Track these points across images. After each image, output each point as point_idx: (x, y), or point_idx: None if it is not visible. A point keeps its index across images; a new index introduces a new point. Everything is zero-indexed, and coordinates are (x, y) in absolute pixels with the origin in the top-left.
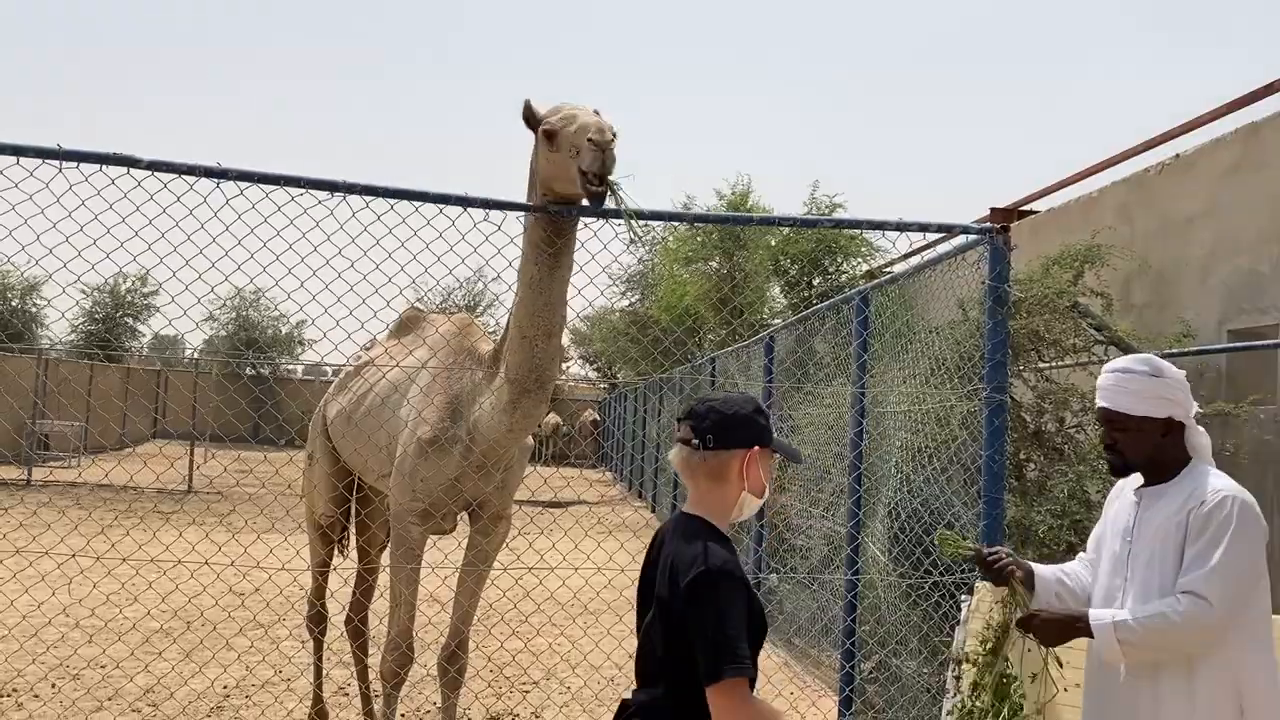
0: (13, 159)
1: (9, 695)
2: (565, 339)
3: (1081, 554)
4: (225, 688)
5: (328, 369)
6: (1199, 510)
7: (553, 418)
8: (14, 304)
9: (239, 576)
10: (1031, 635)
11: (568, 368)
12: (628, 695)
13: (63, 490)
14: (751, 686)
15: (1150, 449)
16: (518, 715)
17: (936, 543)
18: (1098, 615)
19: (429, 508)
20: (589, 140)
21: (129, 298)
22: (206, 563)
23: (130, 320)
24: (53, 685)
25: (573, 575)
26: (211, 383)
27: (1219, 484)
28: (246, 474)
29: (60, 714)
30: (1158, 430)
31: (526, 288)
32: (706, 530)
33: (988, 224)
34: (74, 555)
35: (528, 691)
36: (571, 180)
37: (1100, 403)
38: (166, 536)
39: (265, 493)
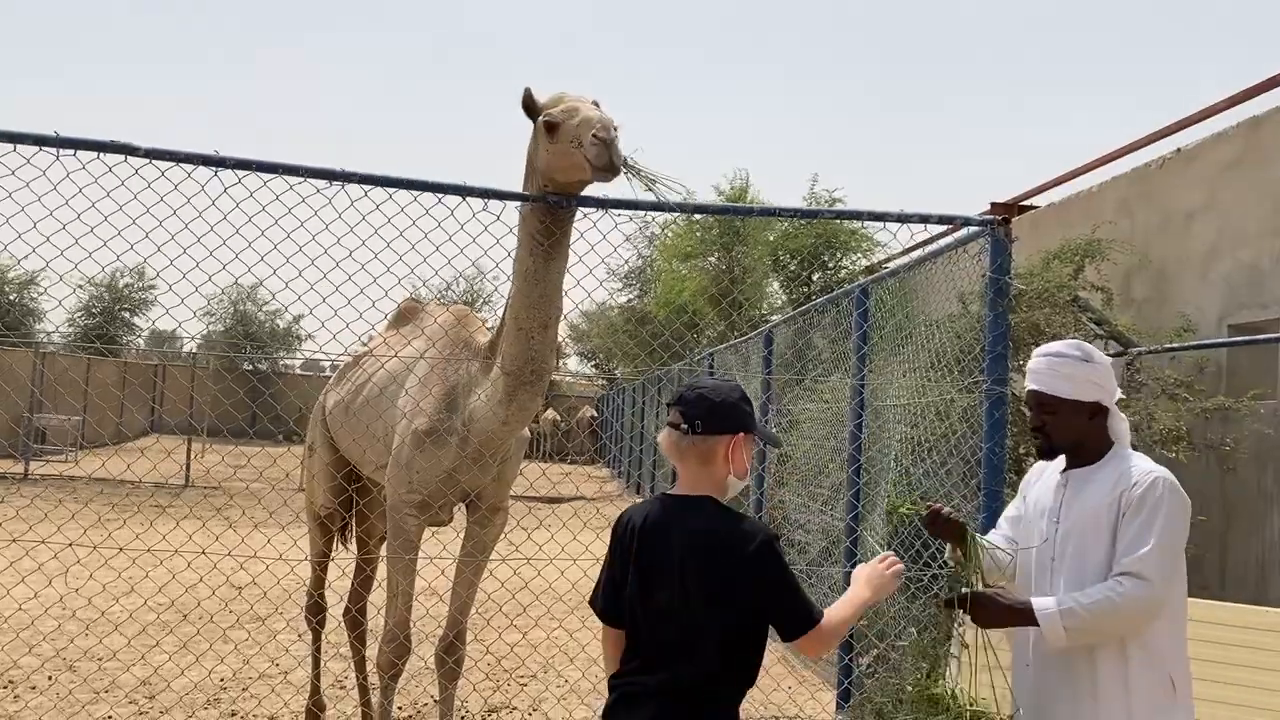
0: (10, 146)
1: (5, 687)
2: (562, 332)
3: (995, 530)
4: (222, 679)
5: (325, 362)
6: (1131, 492)
7: (550, 413)
8: (11, 297)
9: (236, 568)
10: (965, 612)
11: (565, 363)
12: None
13: (60, 484)
14: None
15: (1078, 432)
16: (516, 708)
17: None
18: (1042, 605)
19: (426, 499)
20: (594, 136)
21: (127, 292)
22: (204, 552)
23: (128, 314)
24: (49, 676)
25: (570, 567)
26: (209, 376)
27: (1146, 466)
28: (243, 467)
29: (56, 705)
30: (1085, 414)
31: (522, 279)
32: (724, 507)
33: (989, 216)
34: (70, 545)
35: (525, 684)
36: (577, 167)
37: (1030, 385)
38: (163, 528)
39: (262, 486)
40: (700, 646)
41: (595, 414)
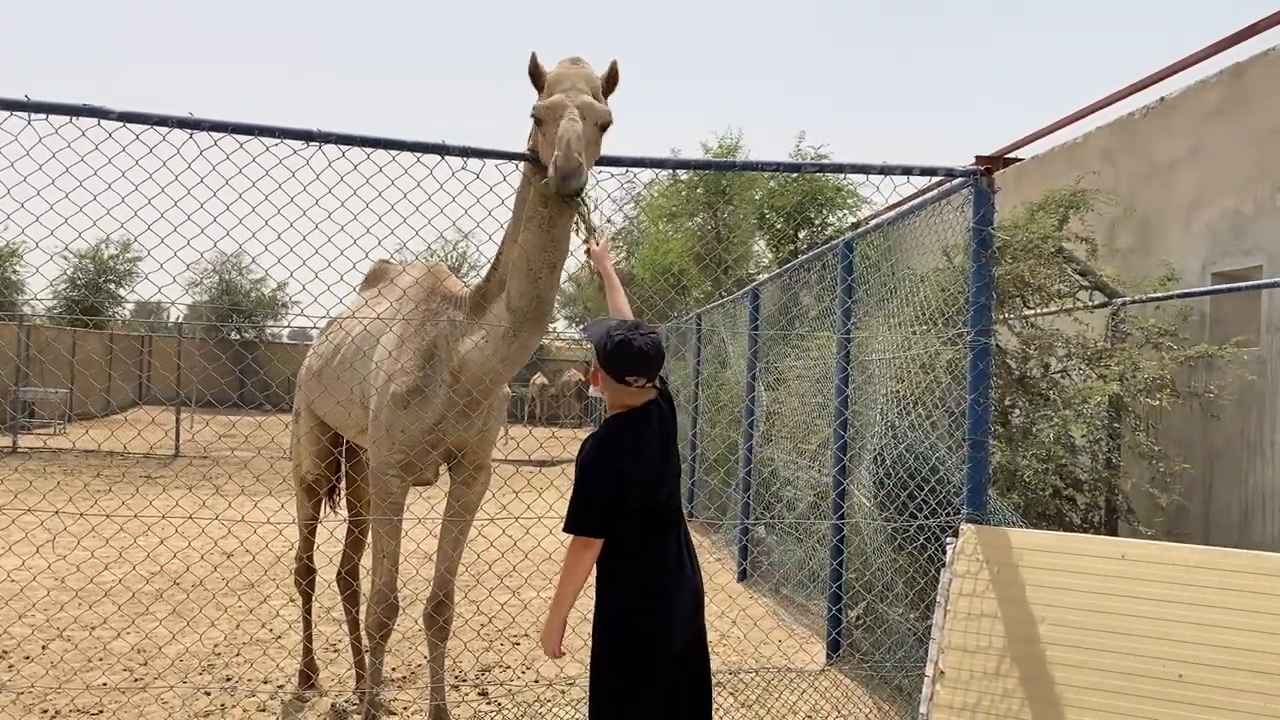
0: None
1: (3, 656)
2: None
3: None
4: (214, 644)
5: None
6: None
7: (538, 377)
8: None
9: (225, 533)
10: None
11: (555, 328)
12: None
13: (50, 457)
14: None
15: None
16: (508, 666)
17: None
18: None
19: (410, 459)
20: (555, 163)
21: (111, 264)
22: (190, 517)
23: (113, 285)
24: (41, 645)
25: (559, 527)
26: (195, 346)
27: None
28: (230, 435)
29: (49, 672)
30: None
31: (534, 224)
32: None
33: (973, 168)
34: (56, 513)
35: (518, 642)
36: (547, 191)
37: None
38: (150, 495)
39: (249, 453)
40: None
41: (582, 377)
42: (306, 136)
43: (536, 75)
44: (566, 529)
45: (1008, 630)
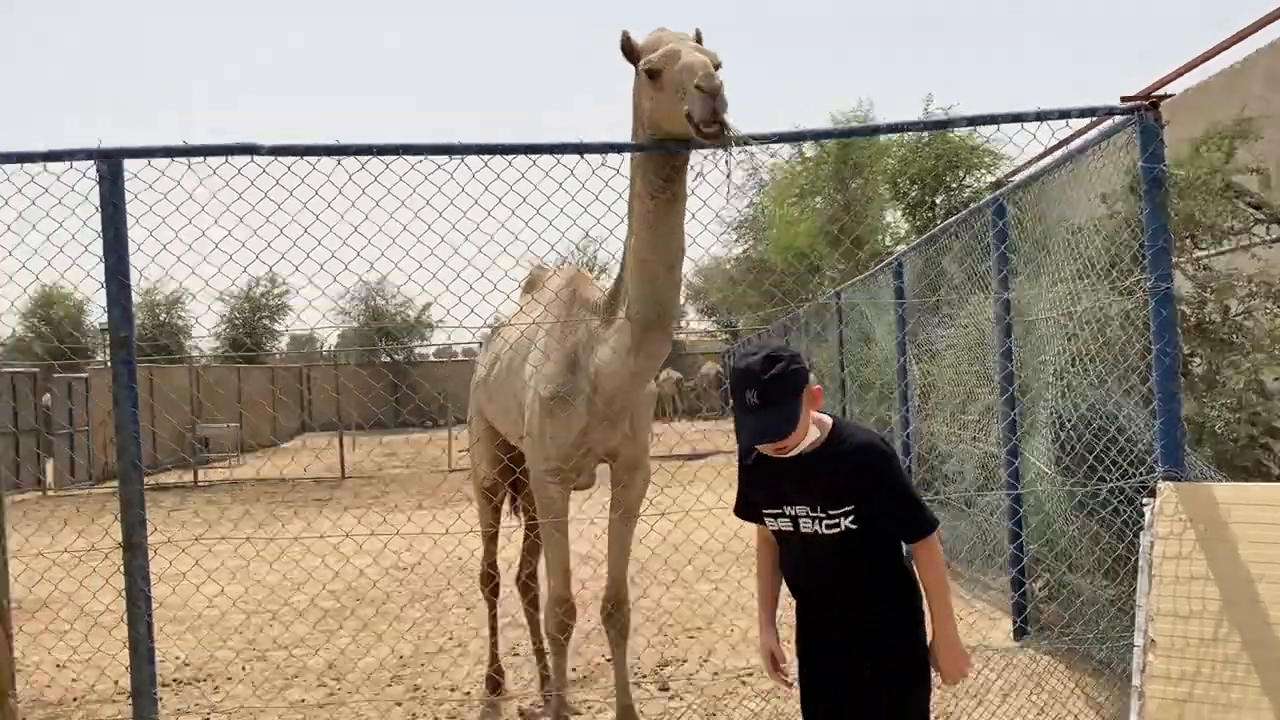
0: (144, 161)
1: (206, 680)
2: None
3: None
4: (402, 656)
5: (456, 347)
6: None
7: (670, 373)
8: (161, 317)
9: (404, 548)
10: None
11: (686, 321)
12: None
13: (226, 489)
14: None
15: None
16: (686, 660)
17: None
18: None
19: (562, 465)
20: (696, 86)
21: (264, 300)
22: (372, 533)
23: (268, 321)
24: (243, 667)
25: (720, 527)
26: (348, 375)
27: None
28: (392, 455)
29: (252, 693)
30: None
31: (642, 222)
32: None
33: (1135, 103)
34: (247, 539)
35: (695, 636)
36: (681, 123)
37: None
38: (331, 517)
39: (411, 472)
40: None
41: (720, 369)
42: (448, 150)
43: (630, 50)
44: (930, 529)
45: (1222, 592)
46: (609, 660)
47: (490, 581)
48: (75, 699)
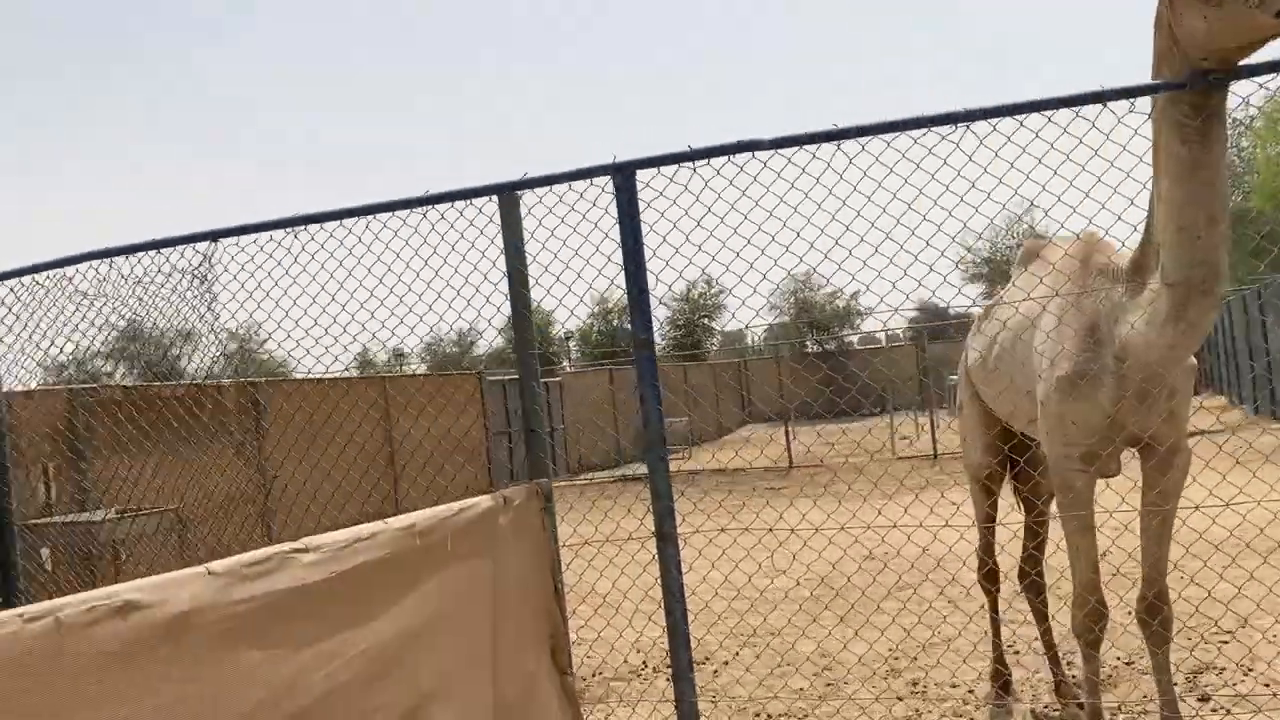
0: (585, 181)
1: (705, 662)
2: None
3: None
4: (889, 649)
5: (879, 334)
6: None
7: None
8: (614, 322)
9: (876, 543)
10: None
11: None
12: None
13: (686, 479)
14: None
15: None
16: (1223, 667)
17: None
18: None
19: (1090, 450)
20: None
21: (700, 300)
22: (842, 528)
23: (706, 320)
24: (735, 652)
25: (1223, 512)
26: (785, 371)
27: None
28: (830, 446)
29: (742, 677)
30: None
31: (1174, 175)
32: None
33: None
34: (722, 530)
35: (1226, 641)
36: (1262, 25)
37: None
38: (803, 508)
39: (855, 460)
40: None
41: None
42: (951, 119)
43: None
44: None
45: None
46: (1126, 664)
47: (989, 576)
48: (595, 674)
